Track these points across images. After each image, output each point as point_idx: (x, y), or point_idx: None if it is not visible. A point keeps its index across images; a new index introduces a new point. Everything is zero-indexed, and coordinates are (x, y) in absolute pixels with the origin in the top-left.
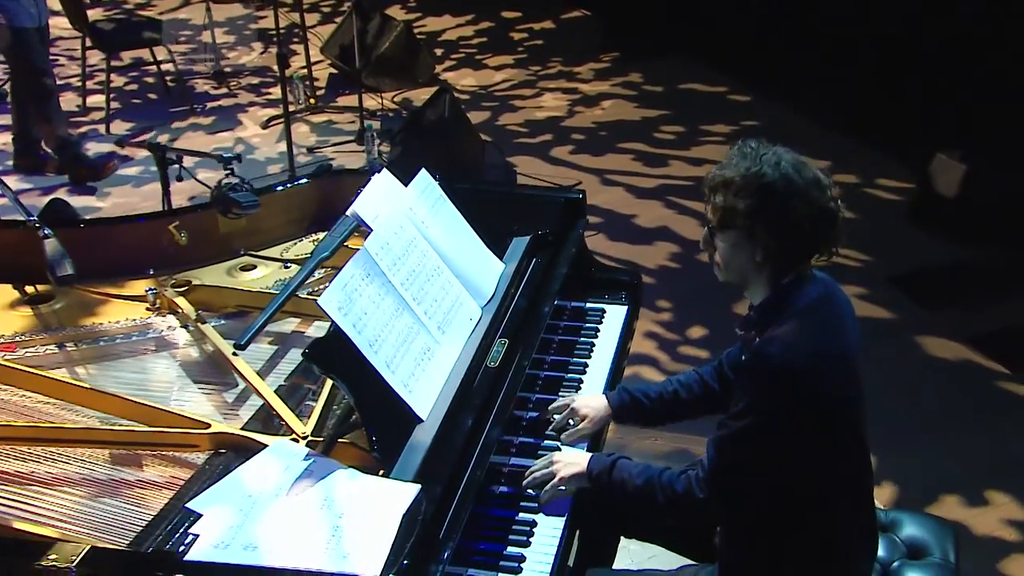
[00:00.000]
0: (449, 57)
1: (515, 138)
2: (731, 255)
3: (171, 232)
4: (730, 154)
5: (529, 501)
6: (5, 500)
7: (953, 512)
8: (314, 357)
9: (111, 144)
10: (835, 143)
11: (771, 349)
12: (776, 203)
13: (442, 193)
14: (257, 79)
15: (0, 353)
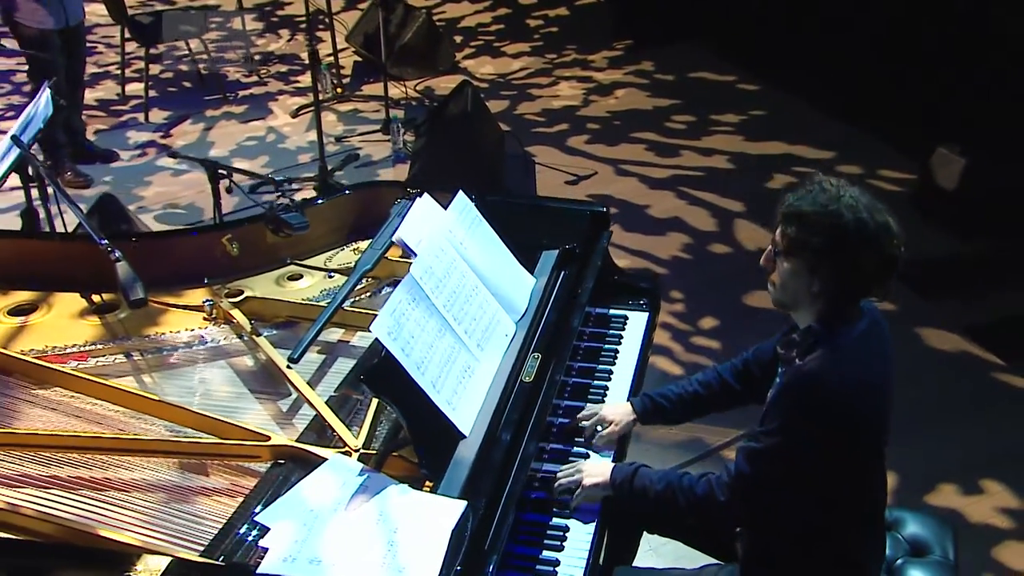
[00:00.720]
0: (468, 44)
1: (533, 127)
2: (789, 280)
3: (224, 244)
4: (810, 185)
5: (561, 506)
6: (88, 506)
7: (950, 500)
8: (369, 382)
9: (150, 133)
10: (840, 132)
11: (811, 376)
12: (844, 246)
13: (478, 213)
14: (285, 67)
15: (75, 363)
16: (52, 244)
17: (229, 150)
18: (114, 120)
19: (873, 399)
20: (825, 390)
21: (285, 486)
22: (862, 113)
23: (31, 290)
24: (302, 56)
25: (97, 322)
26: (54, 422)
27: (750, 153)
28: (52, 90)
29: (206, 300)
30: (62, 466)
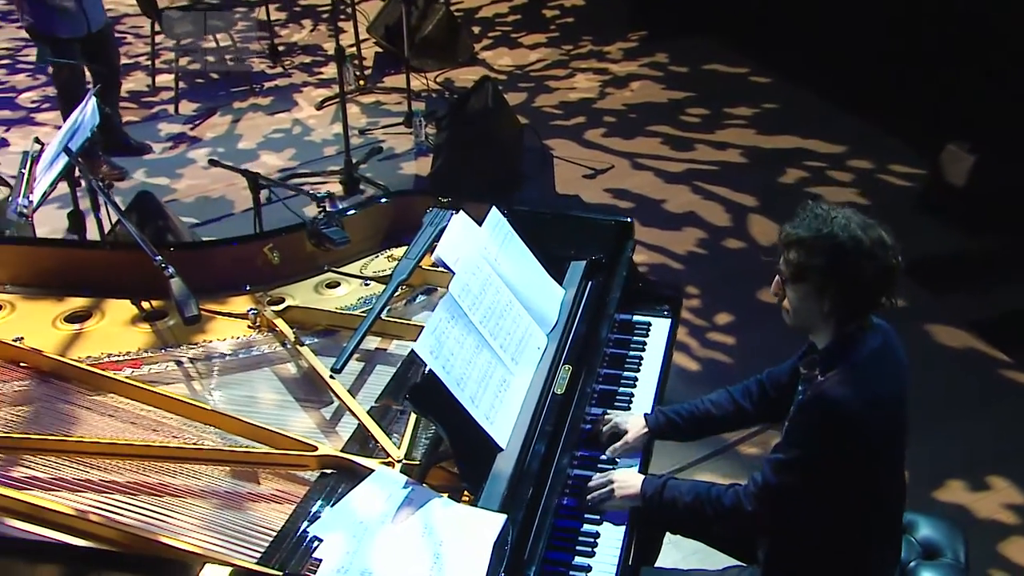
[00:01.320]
0: (486, 35)
1: (551, 120)
2: (800, 305)
3: (266, 253)
4: (803, 214)
5: (592, 512)
6: (147, 512)
7: (957, 496)
8: (414, 401)
9: (180, 125)
10: (852, 127)
11: (830, 393)
12: (845, 263)
13: (510, 228)
14: (309, 58)
15: (129, 370)
16: (103, 253)
17: (257, 143)
18: (145, 112)
19: (889, 414)
20: (843, 409)
21: (334, 495)
22: (873, 108)
23: (84, 296)
24: (325, 47)
25: (148, 329)
26: (112, 429)
27: (763, 147)
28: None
29: (250, 309)
30: (121, 472)
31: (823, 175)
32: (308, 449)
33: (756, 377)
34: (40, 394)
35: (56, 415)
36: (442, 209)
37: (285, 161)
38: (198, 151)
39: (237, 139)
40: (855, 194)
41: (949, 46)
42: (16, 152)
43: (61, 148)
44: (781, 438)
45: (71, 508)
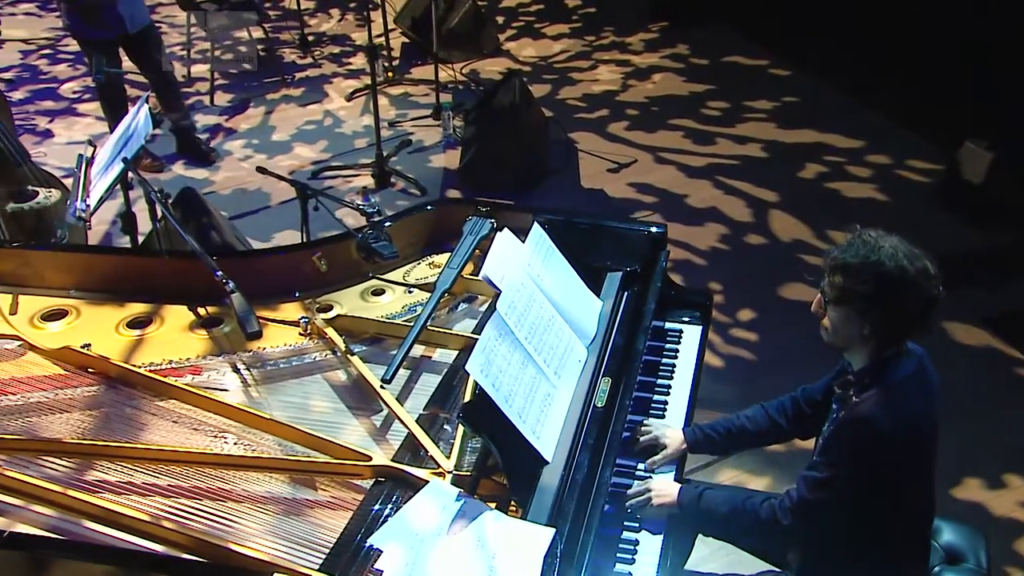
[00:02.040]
0: (510, 26)
1: (575, 113)
2: (841, 326)
3: (314, 261)
4: (851, 239)
5: (631, 520)
6: (213, 517)
7: (975, 494)
8: (467, 420)
9: (216, 116)
10: (871, 121)
11: (866, 415)
12: (889, 292)
13: (551, 244)
14: (338, 48)
15: (190, 376)
16: (160, 261)
17: (290, 135)
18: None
19: (921, 436)
20: (878, 430)
21: (389, 504)
22: (892, 102)
23: (143, 302)
24: (353, 37)
25: (205, 335)
26: (177, 435)
27: (783, 142)
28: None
29: (302, 317)
30: (186, 477)
31: (842, 170)
32: (363, 459)
33: (791, 394)
34: (108, 399)
35: (124, 420)
36: (481, 217)
37: (318, 153)
38: (234, 143)
39: (271, 131)
40: (873, 190)
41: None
42: (60, 143)
43: (115, 153)
44: (816, 455)
45: (146, 514)
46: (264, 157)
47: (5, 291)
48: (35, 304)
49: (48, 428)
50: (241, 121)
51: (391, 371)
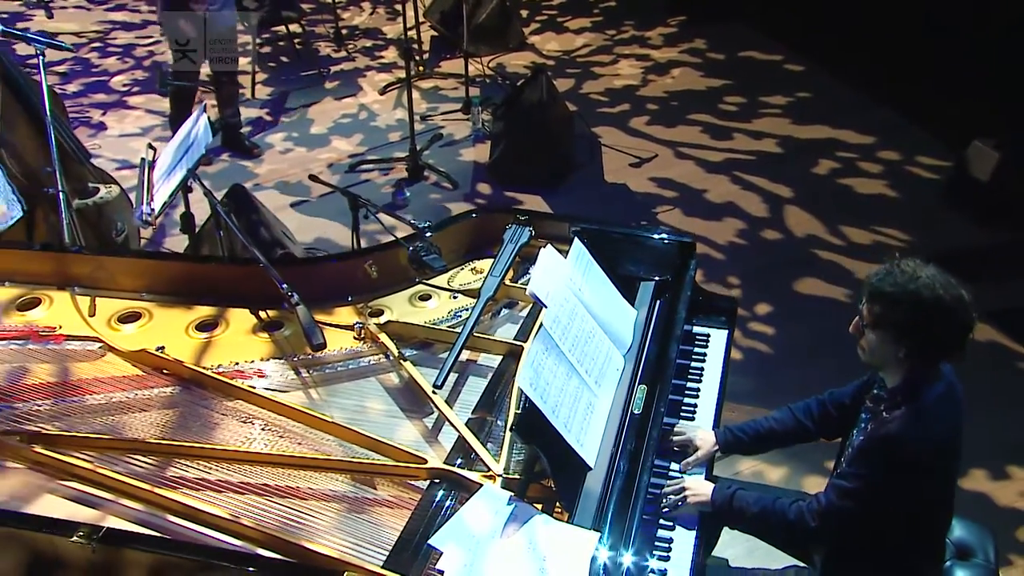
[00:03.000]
0: (534, 20)
1: (597, 107)
2: (877, 348)
3: (366, 269)
4: (890, 267)
5: (666, 520)
6: (282, 514)
7: (980, 485)
8: (519, 431)
9: (257, 109)
10: (882, 117)
11: (896, 434)
12: (926, 320)
13: (591, 258)
14: (370, 41)
15: (256, 378)
16: (224, 267)
17: (327, 128)
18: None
19: (947, 454)
20: (907, 449)
21: (444, 505)
22: (903, 99)
23: (209, 306)
24: (384, 30)
25: (267, 338)
26: (246, 435)
27: (797, 137)
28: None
29: (356, 322)
30: (256, 475)
31: (854, 166)
32: (419, 461)
33: (817, 397)
34: (182, 399)
35: (197, 420)
36: (520, 226)
37: (354, 146)
38: (275, 135)
39: (309, 124)
40: (884, 186)
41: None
42: (113, 135)
43: (176, 160)
44: (846, 464)
45: (224, 510)
46: (304, 150)
47: (83, 293)
48: (111, 306)
49: (129, 426)
50: (281, 114)
51: (442, 376)
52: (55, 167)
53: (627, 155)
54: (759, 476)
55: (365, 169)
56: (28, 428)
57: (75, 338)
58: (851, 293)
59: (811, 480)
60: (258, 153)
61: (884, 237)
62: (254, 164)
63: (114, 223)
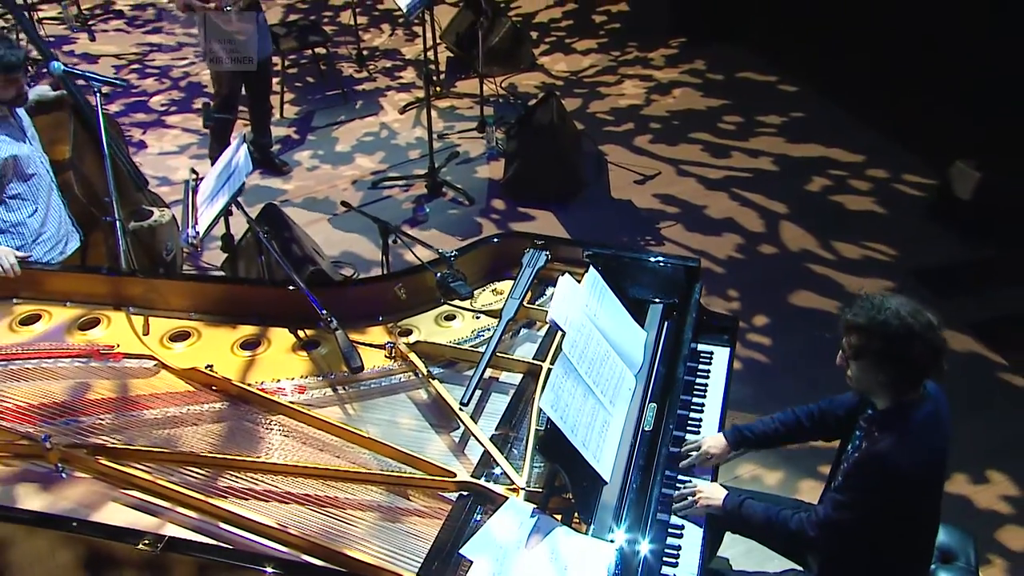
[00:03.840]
0: (543, 41)
1: (603, 126)
2: (861, 376)
3: (395, 292)
4: (860, 302)
5: (674, 528)
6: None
7: (961, 488)
8: (542, 451)
9: (285, 128)
10: (871, 137)
11: (886, 454)
12: (898, 346)
13: (604, 284)
14: (390, 62)
15: (297, 395)
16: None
17: (351, 146)
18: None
19: (933, 472)
20: (897, 470)
21: (472, 516)
22: (890, 119)
23: (251, 325)
24: (403, 51)
25: (306, 356)
26: (289, 447)
27: (791, 155)
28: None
29: (388, 342)
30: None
31: (845, 184)
32: (448, 475)
33: (818, 404)
34: (230, 414)
35: (244, 434)
36: (537, 250)
37: (376, 164)
38: (302, 153)
39: (334, 142)
40: (873, 203)
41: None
42: (153, 153)
43: (219, 186)
44: (841, 478)
45: (271, 518)
46: (330, 167)
47: (137, 313)
48: (163, 325)
49: (183, 439)
50: (307, 132)
51: (468, 395)
52: (112, 196)
53: (632, 172)
54: (757, 480)
55: (387, 186)
56: (93, 441)
57: (132, 356)
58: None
59: (806, 483)
60: (287, 170)
61: (873, 252)
62: (283, 181)
63: (164, 244)
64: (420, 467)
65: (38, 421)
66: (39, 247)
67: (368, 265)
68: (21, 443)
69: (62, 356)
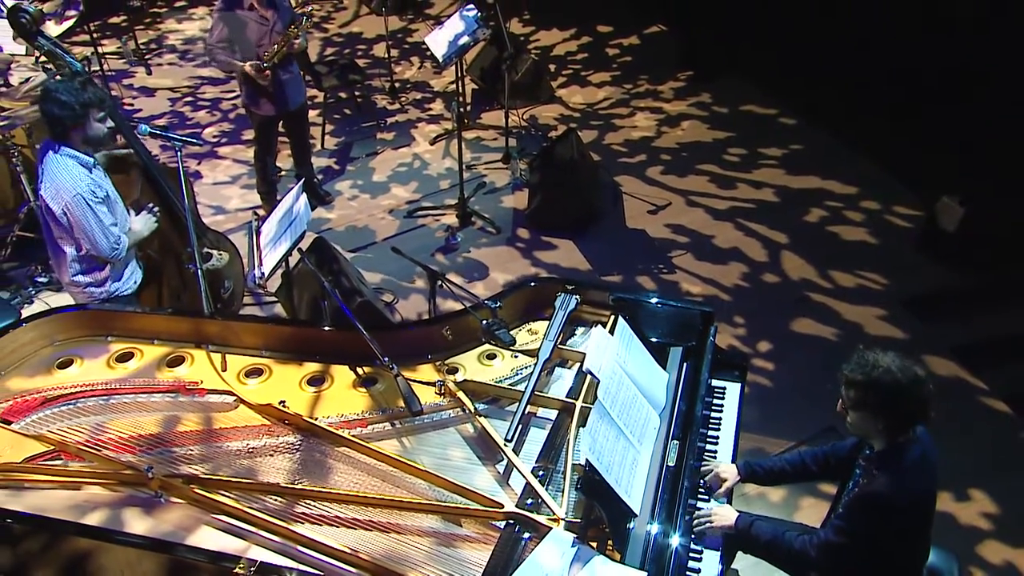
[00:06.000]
0: (560, 73)
1: (618, 157)
2: (859, 423)
3: (443, 333)
4: (857, 358)
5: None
6: (389, 546)
7: (944, 505)
8: (583, 490)
9: (326, 158)
10: (864, 169)
11: (882, 492)
12: (891, 398)
13: (632, 333)
14: (419, 94)
15: (358, 429)
16: (328, 332)
17: (387, 176)
18: None
19: (923, 506)
20: (890, 506)
21: (519, 544)
22: (882, 153)
23: (315, 362)
24: (431, 84)
25: (366, 392)
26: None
27: (791, 187)
28: (307, 197)
29: (438, 380)
30: (363, 512)
31: (840, 215)
32: (496, 506)
33: (822, 448)
34: (302, 446)
35: (315, 464)
36: (568, 294)
37: (410, 193)
38: (343, 183)
39: (371, 172)
40: (866, 233)
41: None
42: (208, 183)
43: (281, 231)
44: (842, 508)
45: (343, 543)
46: (368, 197)
47: (216, 351)
48: (238, 362)
49: (261, 469)
50: (346, 163)
51: (511, 431)
52: (194, 247)
53: (645, 202)
54: (763, 496)
55: (421, 215)
56: (185, 470)
57: (214, 392)
58: (839, 332)
59: (806, 500)
60: (330, 200)
61: (866, 281)
62: (327, 210)
63: (223, 283)
64: (471, 497)
65: (137, 452)
66: (116, 282)
67: (405, 292)
68: (126, 472)
69: (154, 392)
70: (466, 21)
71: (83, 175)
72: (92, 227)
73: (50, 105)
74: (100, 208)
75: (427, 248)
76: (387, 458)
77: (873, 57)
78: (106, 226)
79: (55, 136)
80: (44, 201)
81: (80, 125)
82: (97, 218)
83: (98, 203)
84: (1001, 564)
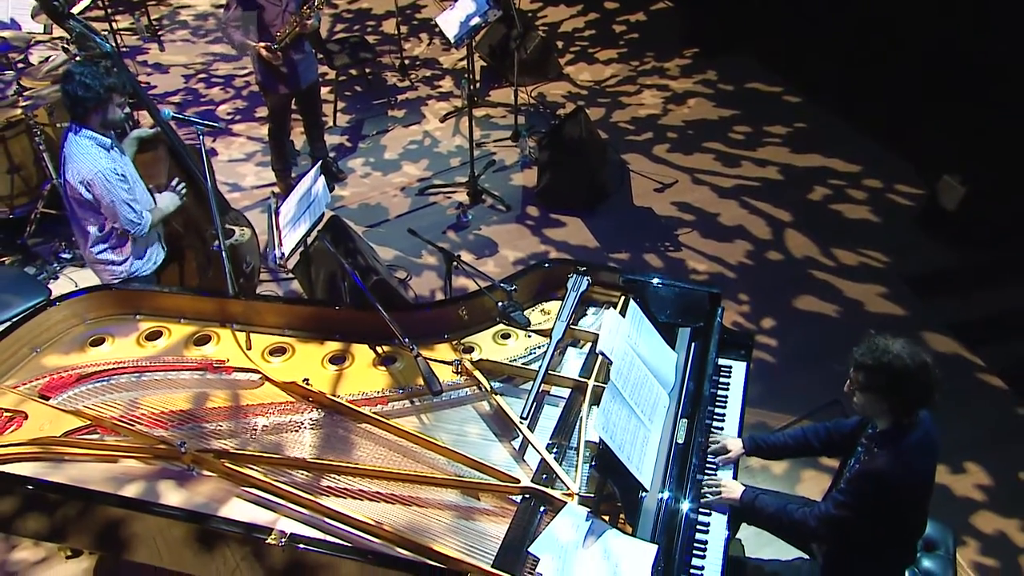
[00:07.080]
0: (568, 51)
1: (625, 135)
2: (867, 404)
3: (459, 313)
4: (868, 342)
5: (703, 526)
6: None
7: (940, 478)
8: (597, 468)
9: (338, 136)
10: (867, 148)
11: (882, 469)
12: (899, 383)
13: (643, 315)
14: (429, 71)
15: (379, 406)
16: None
17: (398, 153)
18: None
19: (922, 486)
20: (890, 484)
21: (535, 517)
22: (885, 131)
23: (336, 341)
24: (440, 60)
25: (385, 371)
26: (377, 453)
27: (795, 165)
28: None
29: (455, 360)
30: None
31: (843, 193)
32: (513, 481)
33: (824, 424)
34: (325, 423)
35: (338, 440)
36: (580, 275)
37: (421, 171)
38: (355, 161)
39: (383, 150)
40: (868, 212)
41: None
42: (223, 160)
43: (300, 213)
44: (843, 483)
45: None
46: (380, 174)
47: (240, 330)
48: (263, 341)
49: (288, 444)
50: (358, 140)
51: (526, 409)
52: (217, 228)
53: (652, 180)
54: (766, 469)
55: (432, 193)
56: (216, 445)
57: (241, 370)
58: (840, 309)
59: (808, 472)
60: (343, 178)
61: (867, 259)
62: (339, 187)
63: (244, 259)
64: (488, 473)
65: (169, 427)
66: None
67: (418, 268)
68: (160, 447)
69: (183, 369)
70: (477, 2)
71: (102, 155)
72: (116, 200)
73: (74, 87)
74: (122, 184)
75: (439, 225)
76: (407, 434)
77: (877, 36)
78: (129, 199)
79: (75, 117)
80: (69, 183)
81: (102, 108)
82: (120, 191)
83: (119, 179)
84: (993, 533)
